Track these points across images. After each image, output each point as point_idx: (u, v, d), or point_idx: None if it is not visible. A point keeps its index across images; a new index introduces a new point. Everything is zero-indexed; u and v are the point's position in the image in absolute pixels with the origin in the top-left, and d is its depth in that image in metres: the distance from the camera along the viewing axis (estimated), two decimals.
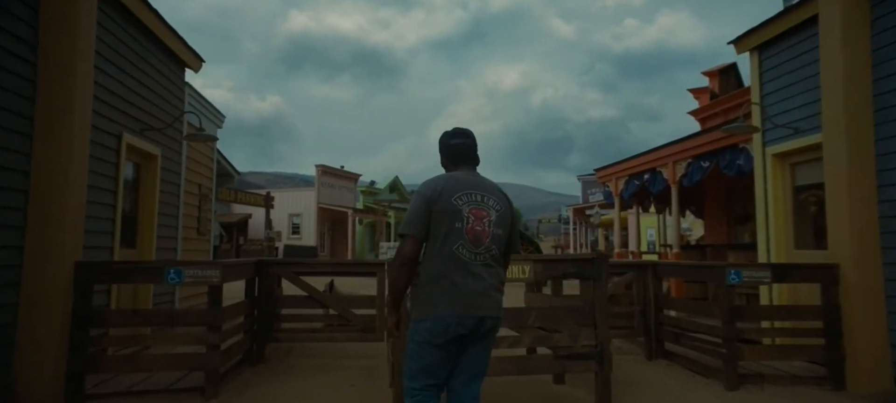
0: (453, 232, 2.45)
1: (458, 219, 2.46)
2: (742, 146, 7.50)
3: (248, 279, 5.75)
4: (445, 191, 2.50)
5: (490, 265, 2.51)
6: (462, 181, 2.55)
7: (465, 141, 2.67)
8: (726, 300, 5.03)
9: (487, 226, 2.49)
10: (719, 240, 10.73)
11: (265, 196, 24.27)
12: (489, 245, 2.50)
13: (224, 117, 9.04)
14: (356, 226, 31.06)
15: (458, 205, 2.48)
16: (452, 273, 2.44)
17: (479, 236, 2.47)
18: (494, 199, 2.58)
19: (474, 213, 2.48)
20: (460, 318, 2.41)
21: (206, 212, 8.43)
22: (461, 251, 2.45)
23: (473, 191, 2.53)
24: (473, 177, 2.62)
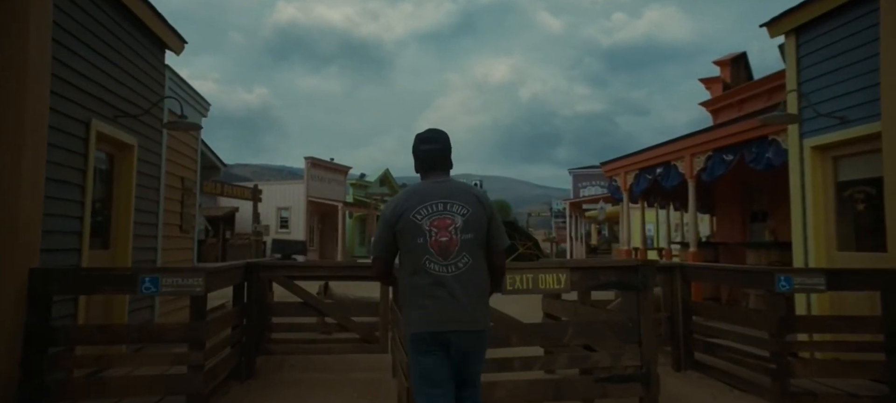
0: (417, 249, 2.41)
1: (420, 234, 2.41)
2: (772, 138, 6.97)
3: (236, 285, 5.11)
4: (406, 210, 2.46)
5: (465, 275, 2.41)
6: (424, 194, 2.49)
7: (434, 147, 2.59)
8: (775, 310, 4.49)
9: (454, 233, 2.42)
10: (733, 238, 10.25)
11: (253, 189, 23.50)
12: (459, 253, 2.41)
13: (209, 106, 8.34)
14: (346, 220, 30.33)
15: (417, 221, 2.43)
16: (424, 289, 2.40)
17: (445, 247, 2.40)
18: (459, 203, 2.47)
19: (436, 224, 2.42)
20: (433, 333, 2.39)
21: (189, 207, 7.75)
22: (430, 266, 2.40)
23: (435, 201, 2.46)
24: (439, 185, 2.53)
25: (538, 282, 3.27)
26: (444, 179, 2.58)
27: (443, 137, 2.62)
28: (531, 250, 17.15)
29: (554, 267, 3.40)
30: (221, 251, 24.15)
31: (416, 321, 2.41)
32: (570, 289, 3.47)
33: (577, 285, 3.50)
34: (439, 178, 2.57)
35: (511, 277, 3.20)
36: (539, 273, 3.30)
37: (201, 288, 3.91)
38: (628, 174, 10.59)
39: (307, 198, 27.88)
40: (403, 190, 2.63)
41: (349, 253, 30.55)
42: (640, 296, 3.75)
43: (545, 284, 3.30)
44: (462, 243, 2.42)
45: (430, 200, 2.46)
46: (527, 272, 3.25)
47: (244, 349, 5.12)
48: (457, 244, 2.41)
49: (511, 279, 3.18)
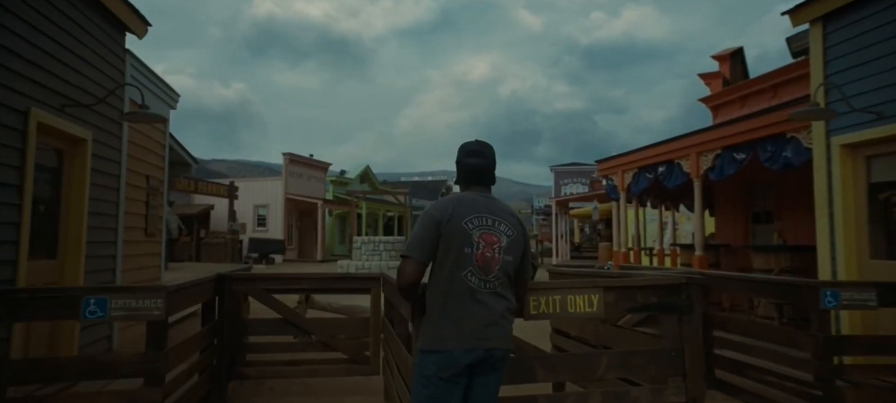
0: (462, 258, 2.31)
1: (468, 244, 2.32)
2: (790, 135, 6.50)
3: (206, 301, 4.43)
4: (456, 213, 2.35)
5: (499, 294, 2.36)
6: (474, 203, 2.41)
7: (481, 162, 2.50)
8: (821, 328, 4.00)
9: (497, 252, 2.35)
10: (736, 240, 9.82)
11: (228, 186, 22.60)
12: (498, 273, 2.35)
13: (178, 97, 7.58)
14: (326, 218, 29.50)
15: (468, 229, 2.33)
16: (460, 302, 2.31)
17: (488, 263, 2.32)
18: (506, 223, 2.41)
19: (485, 238, 2.34)
20: (468, 351, 2.28)
21: (156, 208, 7.00)
22: (470, 279, 2.31)
23: (485, 214, 2.39)
24: (486, 199, 2.46)
25: (567, 305, 2.71)
26: (489, 195, 2.49)
27: (489, 152, 2.53)
28: None
29: (585, 287, 2.82)
30: (196, 251, 23.18)
31: (451, 337, 2.28)
32: (604, 313, 2.89)
33: (611, 307, 2.93)
34: (484, 193, 2.49)
35: (535, 299, 2.65)
36: (568, 294, 2.72)
37: (160, 311, 3.24)
38: (626, 173, 10.09)
39: (285, 195, 26.99)
40: (450, 196, 2.51)
41: (329, 252, 29.73)
42: (685, 320, 3.19)
43: (575, 307, 2.73)
44: (502, 264, 2.35)
45: (480, 212, 2.38)
46: (553, 294, 2.68)
47: (215, 375, 4.45)
48: (498, 264, 2.34)
49: (535, 302, 2.63)
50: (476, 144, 2.53)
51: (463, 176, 2.52)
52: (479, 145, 2.52)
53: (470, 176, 2.50)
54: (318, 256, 26.99)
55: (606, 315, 3.01)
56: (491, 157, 2.51)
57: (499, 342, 2.31)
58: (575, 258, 26.43)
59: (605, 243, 22.28)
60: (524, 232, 2.46)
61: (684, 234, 15.79)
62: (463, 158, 2.51)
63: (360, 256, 20.06)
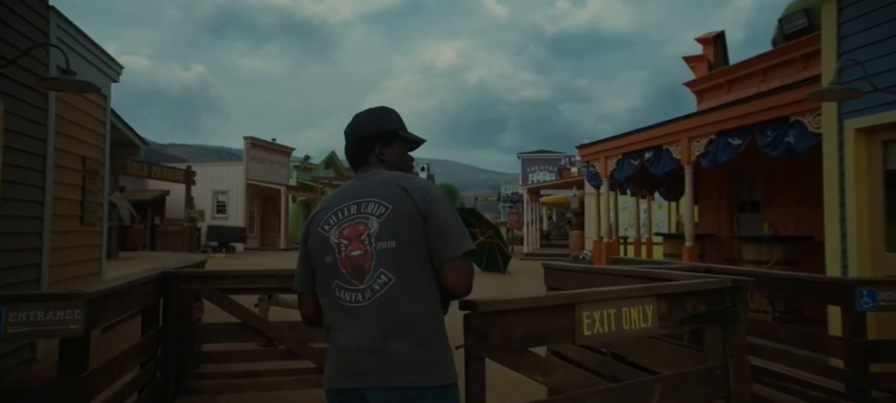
0: (326, 271, 1.70)
1: (328, 251, 1.70)
2: (794, 119, 6.10)
3: (148, 305, 3.70)
4: (314, 220, 1.79)
5: (385, 300, 1.62)
6: (339, 197, 1.79)
7: (346, 142, 1.89)
8: (855, 332, 3.56)
9: (368, 243, 1.65)
10: (721, 231, 9.51)
11: (185, 171, 21.38)
12: (375, 271, 1.63)
13: (121, 69, 6.69)
14: (289, 205, 28.45)
15: (324, 233, 1.72)
16: (334, 328, 1.69)
17: (358, 264, 1.64)
18: (376, 201, 1.70)
19: (346, 234, 1.68)
20: (336, 392, 1.66)
21: (94, 194, 6.14)
22: (339, 294, 1.66)
23: (346, 204, 1.74)
24: (360, 181, 1.80)
25: (622, 320, 2.13)
26: (365, 174, 1.83)
27: (360, 123, 1.87)
28: (493, 239, 16.10)
29: (638, 296, 2.24)
30: (150, 239, 21.92)
31: (328, 374, 1.72)
32: (658, 326, 2.32)
33: (664, 319, 2.37)
34: (362, 174, 1.84)
35: (589, 315, 2.03)
36: (622, 306, 2.14)
37: (78, 325, 2.53)
38: (610, 159, 9.65)
39: (247, 181, 25.82)
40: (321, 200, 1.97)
41: (293, 240, 28.72)
42: (729, 331, 2.66)
43: (630, 323, 2.16)
44: (378, 256, 1.63)
45: (342, 203, 1.75)
46: (607, 306, 2.09)
47: (158, 391, 3.74)
48: (372, 258, 1.64)
49: (588, 318, 2.03)
50: (351, 122, 1.90)
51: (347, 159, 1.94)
52: (352, 120, 1.90)
53: (349, 160, 1.90)
54: (282, 244, 25.99)
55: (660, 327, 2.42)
56: (361, 127, 1.85)
57: (381, 377, 1.57)
58: (545, 246, 26.20)
59: (576, 232, 22.06)
60: (418, 199, 1.66)
61: (656, 222, 15.58)
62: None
63: None
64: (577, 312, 2.00)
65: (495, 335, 1.88)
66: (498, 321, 1.91)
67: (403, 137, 1.88)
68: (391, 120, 1.87)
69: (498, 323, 1.90)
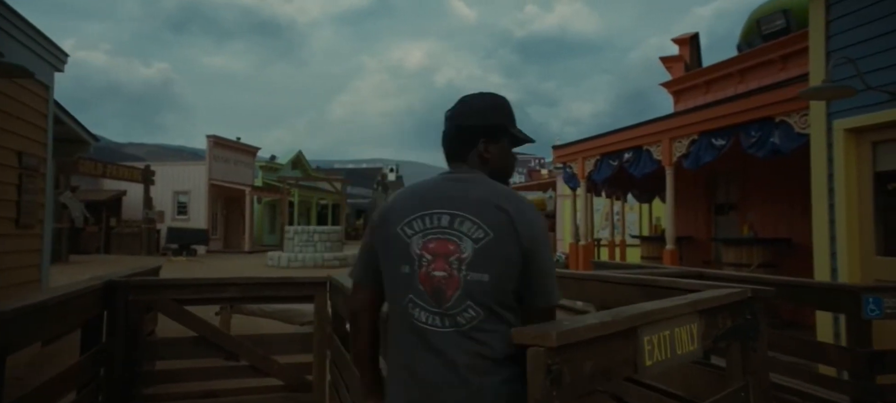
0: (400, 281, 1.46)
1: (406, 259, 1.45)
2: (779, 119, 5.97)
3: (89, 319, 3.24)
4: (393, 214, 1.50)
5: (468, 337, 1.38)
6: (429, 195, 1.49)
7: (447, 127, 1.60)
8: (861, 341, 3.37)
9: (455, 268, 1.39)
10: (698, 233, 9.42)
11: (143, 170, 20.44)
12: (459, 303, 1.39)
13: (66, 58, 6.12)
14: (255, 206, 27.60)
15: (405, 237, 1.46)
16: (402, 348, 1.47)
17: (440, 288, 1.40)
18: (473, 220, 1.41)
19: (432, 247, 1.42)
20: None
21: (33, 193, 5.57)
22: (414, 312, 1.43)
23: (436, 211, 1.45)
24: (450, 184, 1.50)
25: (676, 344, 1.80)
26: (463, 176, 1.53)
27: (466, 110, 1.59)
28: None
29: (686, 313, 1.91)
30: (105, 241, 20.88)
31: (393, 395, 1.51)
32: (701, 348, 2.01)
33: (704, 338, 2.07)
34: (457, 173, 1.55)
35: (649, 340, 1.68)
36: (675, 326, 1.81)
37: None
38: (587, 160, 9.46)
39: (209, 181, 24.91)
40: (403, 188, 1.70)
41: (258, 242, 27.88)
42: (749, 347, 2.40)
43: (682, 346, 1.83)
44: (467, 287, 1.40)
45: (430, 207, 1.48)
46: (662, 328, 1.75)
47: None
48: (458, 287, 1.41)
49: (649, 346, 1.67)
50: (451, 108, 1.64)
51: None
52: (460, 101, 1.64)
53: (445, 151, 1.64)
54: (246, 246, 25.17)
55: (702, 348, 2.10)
56: (467, 112, 1.59)
57: None
58: None
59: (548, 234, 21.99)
60: (522, 232, 1.41)
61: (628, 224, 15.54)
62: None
63: (293, 247, 18.66)
64: (639, 337, 1.64)
65: (567, 376, 1.39)
66: (572, 355, 1.41)
67: (513, 135, 1.62)
68: (502, 113, 1.61)
69: (571, 358, 1.41)
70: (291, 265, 17.92)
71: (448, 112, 1.63)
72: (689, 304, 2.02)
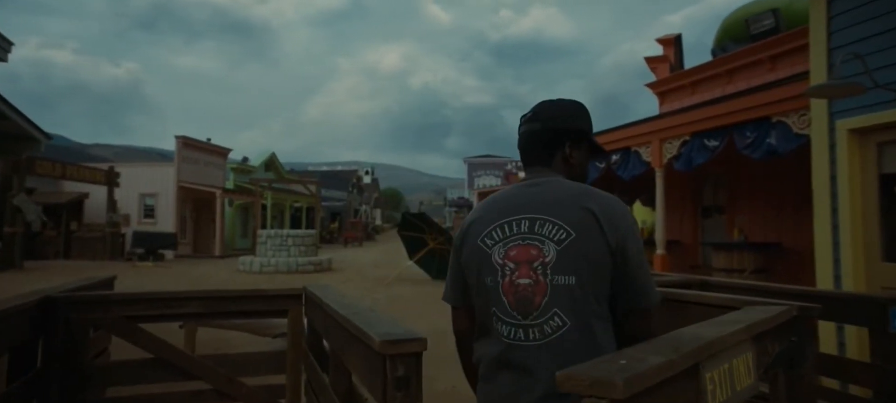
0: (486, 293, 1.40)
1: (489, 271, 1.39)
2: (776, 119, 5.76)
3: (20, 343, 2.77)
4: (473, 228, 1.47)
5: (556, 350, 1.29)
6: (507, 203, 1.45)
7: (528, 128, 1.54)
8: (888, 358, 3.10)
9: (541, 273, 1.32)
10: (685, 237, 9.23)
11: (107, 171, 19.57)
12: (547, 310, 1.30)
13: (11, 46, 5.56)
14: (226, 209, 26.77)
15: (485, 249, 1.41)
16: (486, 365, 1.41)
17: (526, 297, 1.32)
18: (554, 221, 1.34)
19: (514, 255, 1.36)
20: None
21: None
22: (498, 326, 1.37)
23: (515, 217, 1.40)
24: (533, 188, 1.45)
25: (734, 378, 1.45)
26: (542, 180, 1.47)
27: (551, 112, 1.53)
28: (444, 245, 15.42)
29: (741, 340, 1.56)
30: (65, 246, 19.91)
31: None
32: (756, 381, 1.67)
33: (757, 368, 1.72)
34: (536, 178, 1.48)
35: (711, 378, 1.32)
36: (733, 358, 1.46)
37: None
38: None
39: (178, 183, 24.04)
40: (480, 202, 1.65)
41: (229, 246, 27.05)
42: (795, 375, 2.08)
43: (741, 381, 1.48)
44: (553, 292, 1.29)
45: (513, 214, 1.39)
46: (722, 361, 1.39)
47: None
48: (545, 293, 1.29)
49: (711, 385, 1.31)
50: (529, 111, 1.59)
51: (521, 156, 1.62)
52: (538, 107, 1.57)
53: (522, 154, 1.58)
54: (217, 251, 24.36)
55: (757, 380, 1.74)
56: (544, 119, 1.53)
57: None
58: None
59: None
60: (607, 228, 1.31)
61: None
62: (519, 129, 1.62)
63: (265, 251, 18.03)
64: (702, 375, 1.28)
65: None
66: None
67: (592, 142, 1.58)
68: (586, 118, 1.58)
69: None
70: (264, 271, 17.30)
71: (527, 116, 1.57)
72: (745, 329, 1.68)
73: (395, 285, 13.88)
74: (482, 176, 55.20)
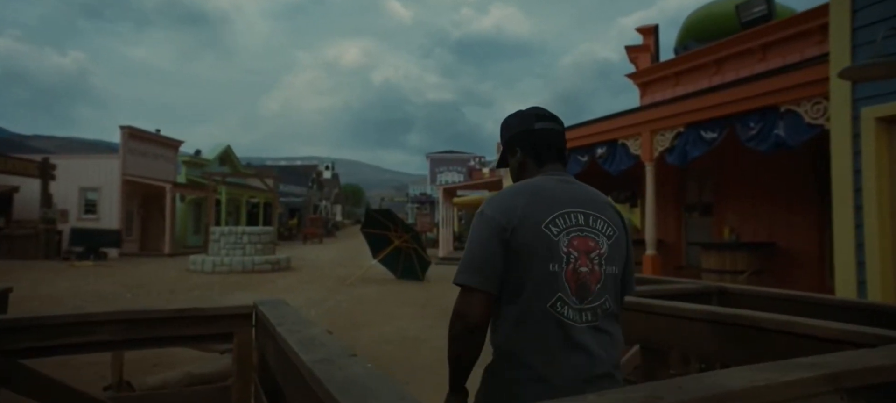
0: (547, 280, 1.45)
1: (555, 258, 1.46)
2: (786, 108, 5.26)
3: None
4: (530, 213, 1.49)
5: (602, 329, 1.49)
6: (555, 195, 1.54)
7: (555, 127, 1.69)
8: None
9: (597, 264, 1.49)
10: (668, 236, 8.77)
11: (40, 163, 17.97)
12: (600, 295, 1.49)
13: None
14: (177, 204, 25.24)
15: (551, 235, 1.47)
16: (546, 347, 1.45)
17: (585, 283, 1.47)
18: (604, 220, 1.55)
19: (577, 245, 1.48)
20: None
21: None
22: (561, 310, 1.45)
23: (573, 209, 1.52)
24: (570, 186, 1.59)
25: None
26: (572, 178, 1.63)
27: (558, 118, 1.71)
28: (410, 243, 14.68)
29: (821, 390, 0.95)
30: None
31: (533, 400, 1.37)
32: None
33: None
34: (564, 175, 1.62)
35: None
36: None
37: None
38: None
39: (123, 176, 22.43)
40: (513, 187, 1.58)
41: (180, 244, 25.53)
42: None
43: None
44: (604, 281, 1.49)
45: (566, 206, 1.51)
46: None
47: None
48: (599, 280, 1.48)
49: None
50: (540, 109, 1.70)
51: (533, 150, 1.65)
52: (546, 111, 1.70)
53: (544, 150, 1.63)
54: (167, 249, 22.86)
55: None
56: (560, 123, 1.69)
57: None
58: (458, 249, 25.24)
59: None
60: (626, 228, 1.60)
61: None
62: (530, 124, 1.66)
63: (219, 249, 16.86)
64: None
65: None
66: None
67: None
68: None
69: None
70: (217, 270, 16.15)
71: (546, 113, 1.69)
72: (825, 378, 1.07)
73: (358, 285, 13.06)
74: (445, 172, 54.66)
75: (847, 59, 4.36)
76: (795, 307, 3.15)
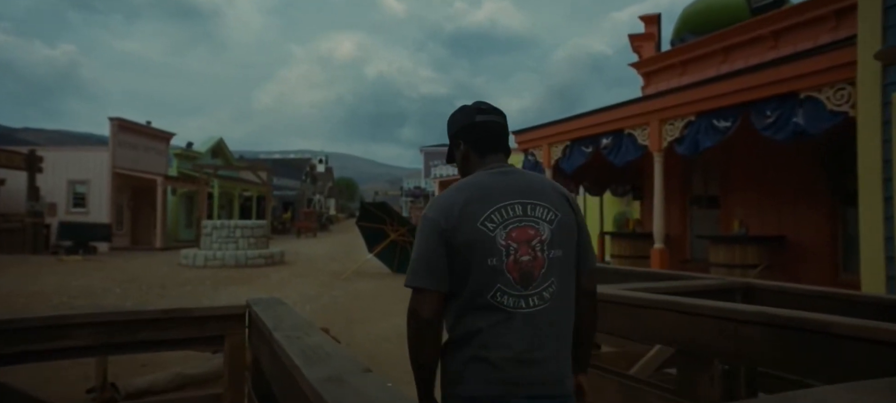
0: (486, 273, 1.55)
1: (492, 252, 1.55)
2: (805, 95, 5.03)
3: None
4: (467, 212, 1.58)
5: (551, 309, 1.57)
6: (491, 190, 1.62)
7: (496, 119, 1.76)
8: None
9: (540, 251, 1.58)
10: (673, 229, 8.55)
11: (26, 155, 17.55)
12: (545, 279, 1.57)
13: None
14: (168, 197, 24.83)
15: (488, 231, 1.57)
16: (488, 332, 1.55)
17: (527, 271, 1.57)
18: (545, 205, 1.63)
19: (515, 236, 1.57)
20: (493, 401, 1.54)
21: None
22: (501, 299, 1.55)
23: (509, 202, 1.61)
24: (509, 177, 1.67)
25: None
26: (513, 168, 1.71)
27: (501, 111, 1.79)
28: (406, 237, 14.42)
29: None
30: None
31: (475, 380, 1.53)
32: None
33: None
34: (505, 167, 1.71)
35: None
36: None
37: None
38: (555, 146, 8.33)
39: (113, 169, 22.00)
40: (453, 187, 1.67)
41: (172, 238, 25.15)
42: None
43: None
44: (549, 265, 1.58)
45: (503, 199, 1.60)
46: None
47: None
48: (542, 266, 1.58)
49: None
50: (483, 103, 1.77)
51: (475, 143, 1.72)
52: (488, 104, 1.78)
53: (486, 141, 1.72)
54: (158, 243, 22.48)
55: None
56: (503, 116, 1.77)
57: (550, 386, 1.53)
58: None
59: None
60: (576, 210, 1.68)
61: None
62: (471, 118, 1.74)
63: (211, 243, 16.54)
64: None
65: None
66: None
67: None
68: None
69: None
70: (209, 264, 15.84)
71: (488, 106, 1.75)
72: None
73: (353, 279, 12.80)
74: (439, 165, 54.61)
75: (878, 41, 4.12)
76: (836, 305, 2.91)
